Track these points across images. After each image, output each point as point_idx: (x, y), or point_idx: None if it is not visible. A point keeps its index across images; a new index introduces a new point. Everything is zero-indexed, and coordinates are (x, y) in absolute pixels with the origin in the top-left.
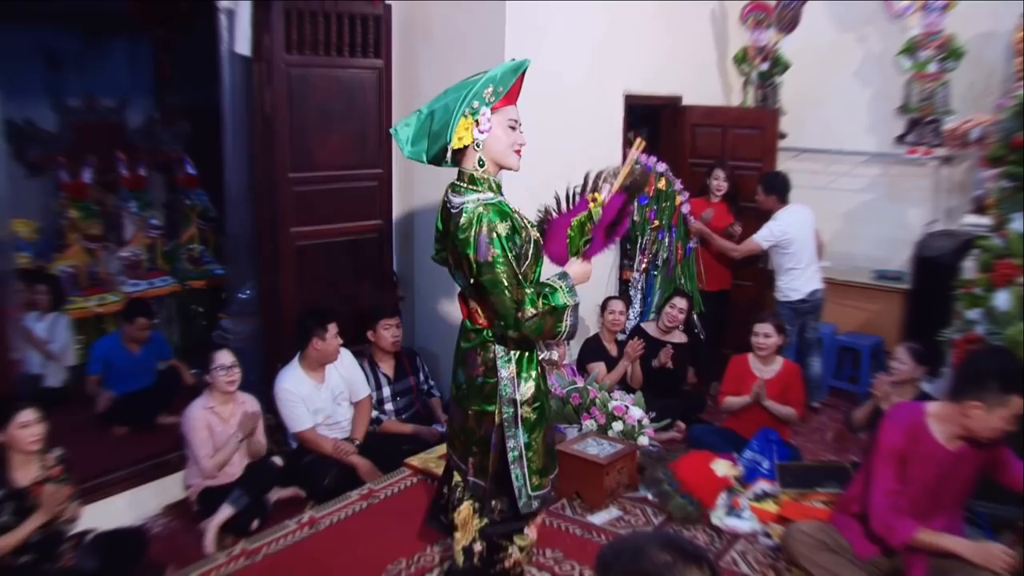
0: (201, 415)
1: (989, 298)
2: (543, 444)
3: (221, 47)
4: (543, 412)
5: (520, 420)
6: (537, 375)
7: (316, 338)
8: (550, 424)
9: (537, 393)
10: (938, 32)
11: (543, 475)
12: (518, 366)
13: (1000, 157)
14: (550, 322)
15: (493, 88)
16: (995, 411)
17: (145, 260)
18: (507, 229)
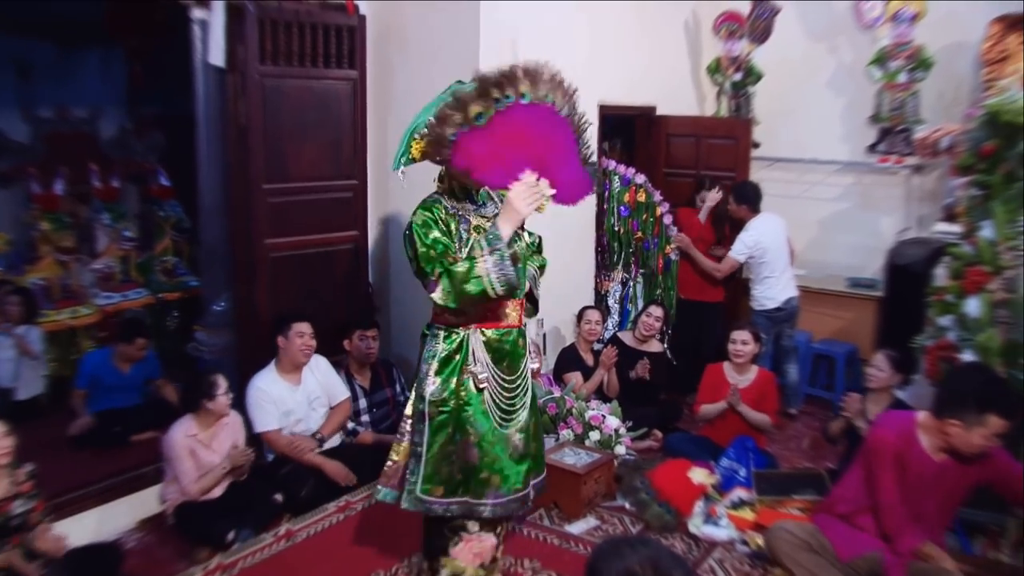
0: (184, 442)
1: (960, 305)
2: (444, 452)
3: (195, 58)
4: (452, 420)
5: (427, 418)
6: (457, 382)
7: (280, 336)
8: (473, 443)
9: (449, 398)
10: (908, 43)
11: (433, 483)
12: (440, 365)
13: (969, 166)
14: (457, 282)
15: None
16: (974, 429)
17: (118, 272)
18: (422, 218)
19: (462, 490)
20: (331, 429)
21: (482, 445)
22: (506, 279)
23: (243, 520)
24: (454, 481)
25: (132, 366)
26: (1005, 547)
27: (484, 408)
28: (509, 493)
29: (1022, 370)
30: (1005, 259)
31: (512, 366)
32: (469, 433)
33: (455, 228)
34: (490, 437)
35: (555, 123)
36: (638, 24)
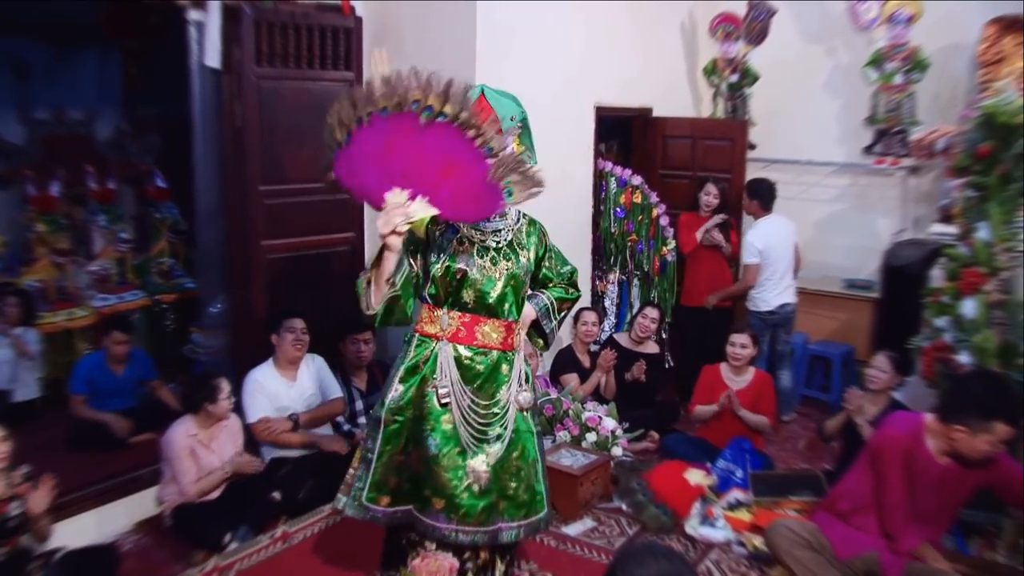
0: (184, 442)
1: (956, 306)
2: (393, 461)
3: (191, 59)
4: (406, 430)
5: (382, 424)
6: (418, 393)
7: (274, 334)
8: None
9: (404, 406)
10: (903, 44)
11: (379, 492)
12: (405, 372)
13: (965, 167)
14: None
15: None
16: (979, 436)
17: (115, 274)
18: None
19: (406, 500)
20: (312, 416)
21: (430, 465)
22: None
23: (241, 520)
24: (402, 490)
25: (125, 368)
26: (1001, 548)
27: (446, 428)
28: (455, 523)
29: (1018, 371)
30: (1001, 260)
31: (485, 390)
32: (422, 448)
33: (435, 235)
34: (443, 460)
35: (428, 133)
36: (634, 25)
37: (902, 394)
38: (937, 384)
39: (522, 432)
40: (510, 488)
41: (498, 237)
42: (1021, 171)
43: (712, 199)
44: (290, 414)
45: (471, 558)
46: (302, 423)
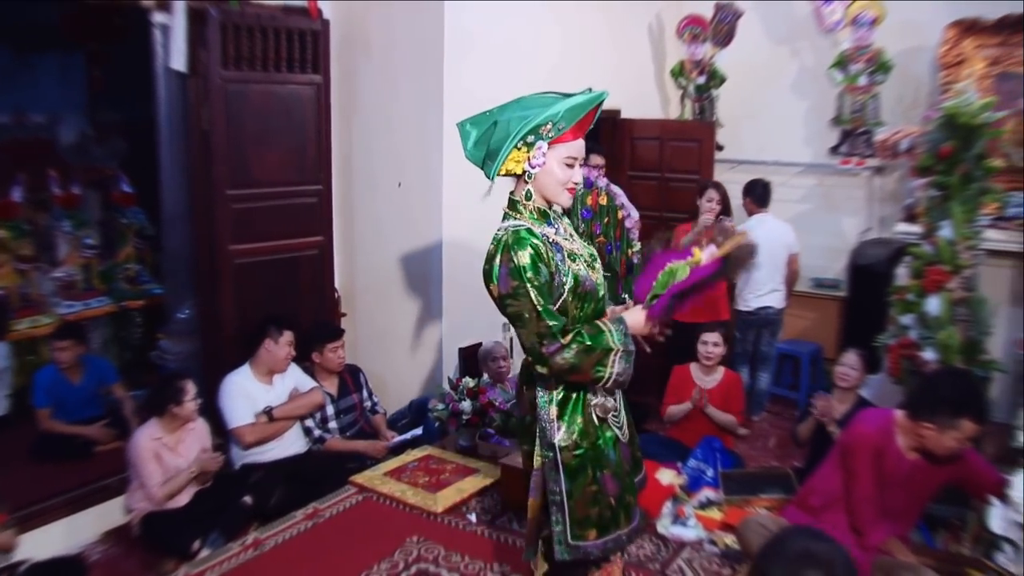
0: (149, 445)
1: (921, 304)
2: (587, 494)
3: (156, 62)
4: (588, 460)
5: (560, 465)
6: (584, 420)
7: (269, 339)
8: (611, 474)
9: (580, 439)
10: (867, 46)
11: (585, 527)
12: (559, 408)
13: (928, 167)
14: (587, 362)
15: (552, 125)
16: (947, 433)
17: (80, 280)
18: (528, 256)
19: (614, 526)
20: (288, 410)
21: (618, 473)
22: (622, 377)
23: (213, 526)
24: (604, 519)
25: (81, 376)
26: (966, 540)
27: (612, 434)
28: (637, 505)
29: (981, 367)
30: (964, 258)
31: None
32: (605, 467)
33: (553, 261)
34: (620, 460)
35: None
36: (602, 28)
37: (868, 391)
38: (903, 381)
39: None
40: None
41: (576, 240)
42: (982, 171)
43: (715, 205)
44: (264, 407)
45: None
46: (277, 416)
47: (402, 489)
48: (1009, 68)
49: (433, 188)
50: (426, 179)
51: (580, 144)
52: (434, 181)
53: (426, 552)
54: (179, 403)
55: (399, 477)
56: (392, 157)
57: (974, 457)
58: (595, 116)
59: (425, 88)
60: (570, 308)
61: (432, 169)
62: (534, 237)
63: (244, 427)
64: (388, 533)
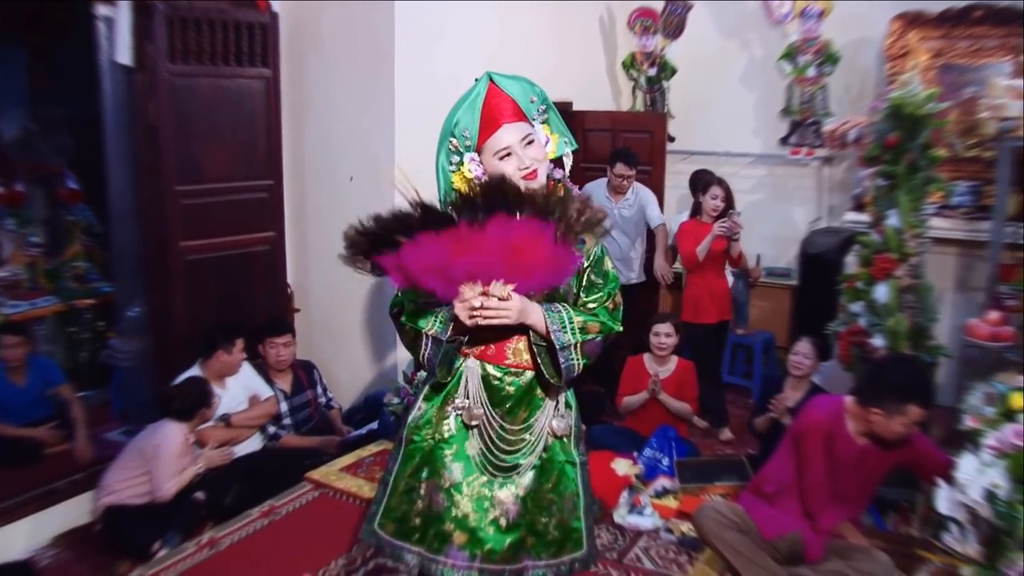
0: (180, 440)
1: (870, 291)
2: (403, 485)
3: (100, 56)
4: (420, 452)
5: (402, 443)
6: (439, 414)
7: (223, 351)
8: (434, 483)
9: (424, 427)
10: (815, 38)
11: (388, 517)
12: (429, 389)
13: (875, 157)
14: (406, 341)
15: (457, 136)
16: (894, 418)
17: (26, 279)
18: None
19: (417, 538)
20: (246, 418)
21: (452, 493)
22: (430, 364)
23: (169, 526)
24: (408, 525)
25: (26, 378)
26: (915, 522)
27: (470, 453)
28: (477, 560)
29: (928, 352)
30: (910, 246)
31: (515, 414)
32: (440, 475)
33: None
34: (465, 489)
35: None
36: (553, 20)
37: (819, 378)
38: (853, 368)
39: (558, 462)
40: (540, 523)
41: None
42: (927, 160)
43: (719, 203)
44: (221, 415)
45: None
46: (234, 424)
47: (359, 484)
48: (952, 60)
49: (385, 181)
50: (378, 172)
51: (504, 132)
52: (386, 174)
53: None
54: (209, 405)
55: (355, 472)
56: (344, 151)
57: (922, 440)
58: (503, 97)
59: (376, 82)
60: None
61: (384, 162)
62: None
63: (208, 429)
64: (345, 529)
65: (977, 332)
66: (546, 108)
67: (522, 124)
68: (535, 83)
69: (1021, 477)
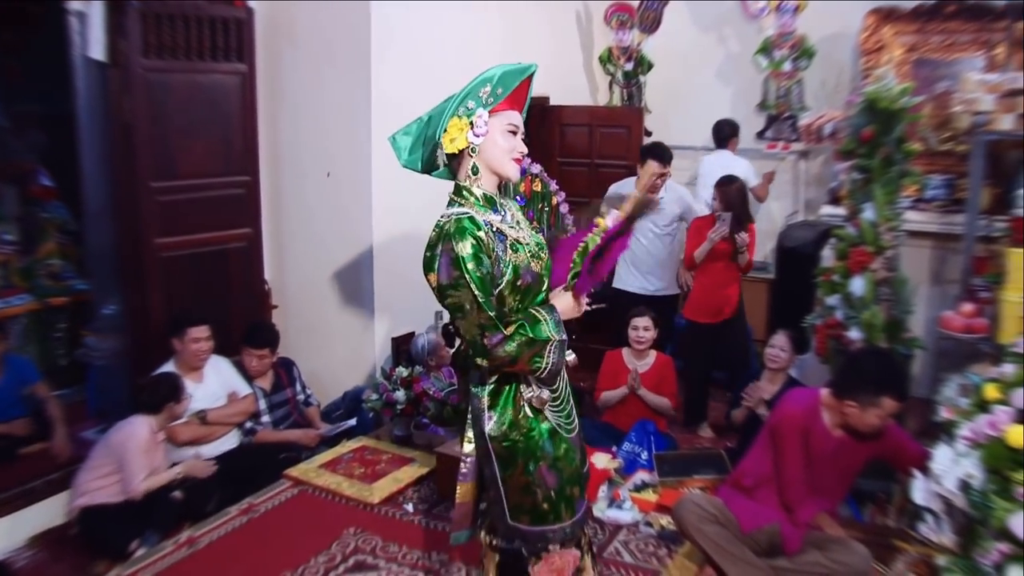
0: (147, 434)
1: (846, 284)
2: (519, 483)
3: (73, 52)
4: (519, 451)
5: (492, 453)
6: (515, 411)
7: (175, 339)
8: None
9: (510, 430)
10: (791, 32)
11: (519, 512)
12: (491, 398)
13: (851, 151)
14: (526, 354)
15: (491, 88)
16: (868, 410)
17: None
18: (470, 247)
19: (552, 518)
20: (223, 415)
21: (557, 465)
22: (556, 368)
23: (147, 525)
24: (540, 511)
25: (2, 375)
26: (891, 513)
27: (546, 426)
28: (585, 499)
29: (904, 344)
30: (886, 239)
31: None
32: (542, 459)
33: (494, 250)
34: (561, 453)
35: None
36: (530, 15)
37: (796, 371)
38: (830, 360)
39: (575, 391)
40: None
41: (523, 228)
42: (902, 154)
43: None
44: (197, 411)
45: (584, 543)
46: (210, 420)
47: (337, 481)
48: (925, 54)
49: (362, 178)
50: (355, 169)
51: (518, 115)
52: (363, 170)
53: (364, 543)
54: (179, 400)
55: (334, 469)
56: (321, 147)
57: (898, 432)
58: (529, 89)
59: (353, 77)
60: (507, 299)
61: (361, 158)
62: (476, 227)
63: (177, 425)
64: (325, 526)
65: (951, 324)
66: None
67: None
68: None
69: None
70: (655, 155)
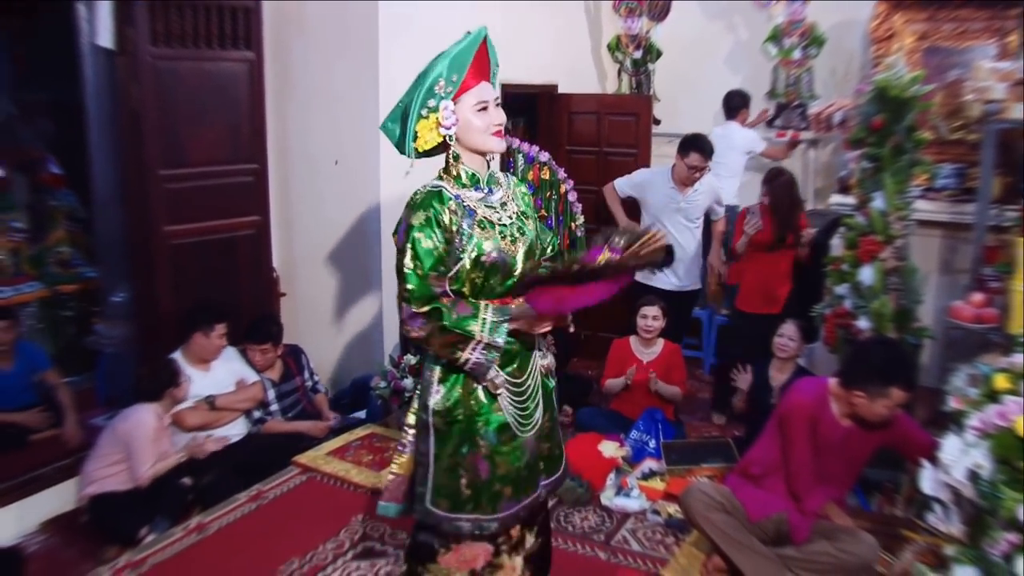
0: (154, 422)
1: (855, 274)
2: (448, 464)
3: (81, 40)
4: (458, 432)
5: (431, 428)
6: (464, 391)
7: (200, 333)
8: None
9: (455, 407)
10: (801, 20)
11: (440, 495)
12: (444, 372)
13: (861, 139)
14: (438, 340)
15: (445, 80)
16: (877, 400)
17: (9, 265)
18: (423, 218)
19: (471, 507)
20: (231, 401)
21: (494, 458)
22: (481, 369)
23: (157, 511)
24: (461, 497)
25: (13, 363)
26: (899, 503)
27: (499, 416)
28: (520, 500)
29: (913, 334)
30: (895, 228)
31: (522, 366)
32: (479, 445)
33: (457, 225)
34: (503, 448)
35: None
36: (538, 3)
37: (804, 359)
38: (839, 349)
39: (548, 393)
40: (545, 449)
41: (507, 210)
42: (912, 143)
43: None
44: (206, 396)
45: (505, 540)
46: (219, 405)
47: (346, 468)
48: (937, 42)
49: (370, 165)
50: (363, 156)
51: (485, 86)
52: (371, 158)
53: (371, 530)
54: (177, 385)
55: (343, 456)
56: (329, 134)
57: (906, 421)
58: (488, 54)
59: (360, 64)
60: (470, 278)
61: (369, 146)
62: (439, 200)
63: (185, 410)
64: (333, 513)
65: (961, 314)
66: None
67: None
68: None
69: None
70: (697, 148)
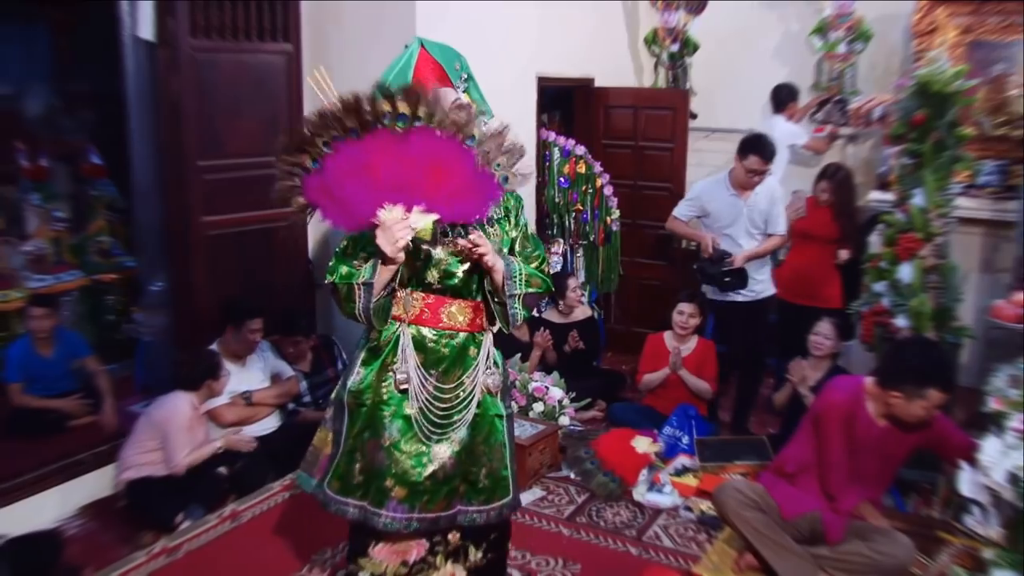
0: (189, 410)
1: (894, 271)
2: (350, 447)
3: (123, 31)
4: (363, 415)
5: (344, 406)
6: (378, 377)
7: (232, 328)
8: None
9: (365, 391)
10: (849, 14)
11: (335, 474)
12: (367, 354)
13: (901, 135)
14: (339, 299)
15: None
16: (914, 401)
17: (51, 254)
18: None
19: (359, 493)
20: (267, 396)
21: (392, 451)
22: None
23: (193, 498)
24: (353, 481)
25: (53, 350)
26: (936, 504)
27: (408, 413)
28: (416, 511)
29: (952, 333)
30: (935, 226)
31: (450, 374)
32: (382, 436)
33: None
34: (404, 446)
35: (407, 141)
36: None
37: (841, 358)
38: (876, 348)
39: (489, 415)
40: (472, 473)
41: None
42: (954, 139)
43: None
44: (242, 392)
45: (441, 542)
46: (255, 401)
47: None
48: (981, 36)
49: None
50: None
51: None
52: None
53: None
54: (216, 377)
55: None
56: None
57: (944, 422)
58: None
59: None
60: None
61: None
62: None
63: (222, 406)
64: None
65: (1002, 313)
66: (467, 77)
67: (447, 90)
68: (459, 52)
69: None
70: (757, 151)
